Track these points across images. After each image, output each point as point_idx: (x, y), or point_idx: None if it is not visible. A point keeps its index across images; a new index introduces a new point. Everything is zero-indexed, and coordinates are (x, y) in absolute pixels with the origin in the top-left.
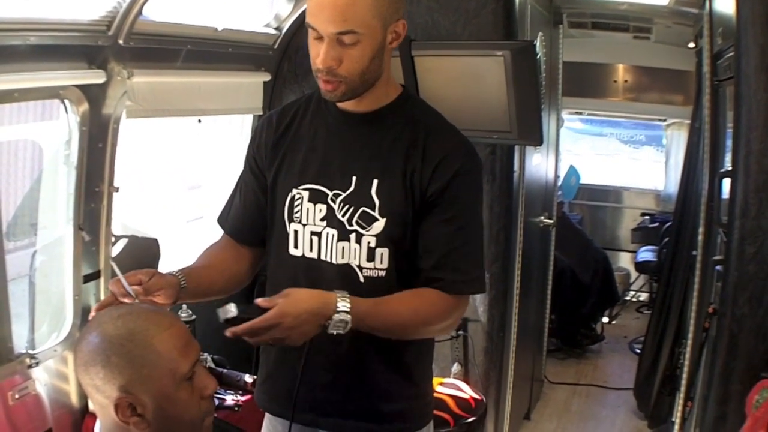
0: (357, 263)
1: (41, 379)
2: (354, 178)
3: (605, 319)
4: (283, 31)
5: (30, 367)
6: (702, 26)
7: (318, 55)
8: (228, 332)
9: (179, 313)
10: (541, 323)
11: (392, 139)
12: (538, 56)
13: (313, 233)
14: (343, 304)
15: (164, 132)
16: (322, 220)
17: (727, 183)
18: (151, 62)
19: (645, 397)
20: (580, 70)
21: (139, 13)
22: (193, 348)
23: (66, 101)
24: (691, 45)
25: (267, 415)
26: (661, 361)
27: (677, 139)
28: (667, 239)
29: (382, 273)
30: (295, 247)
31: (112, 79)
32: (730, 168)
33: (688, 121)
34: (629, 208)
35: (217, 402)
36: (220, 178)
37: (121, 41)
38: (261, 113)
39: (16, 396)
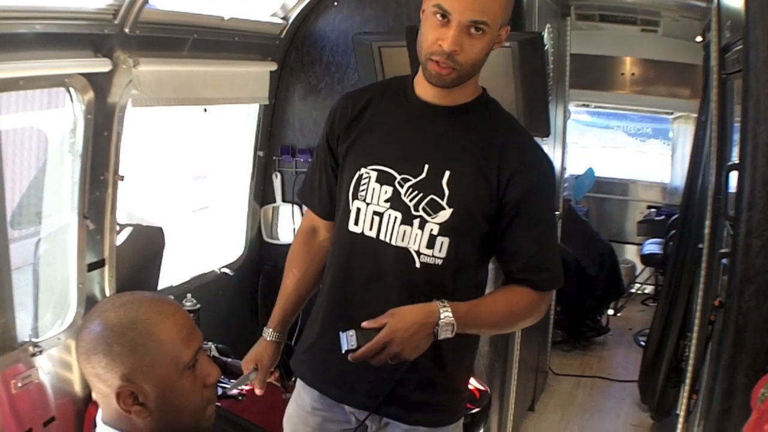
0: (416, 248)
1: (44, 368)
2: (426, 166)
3: (610, 312)
4: (290, 21)
5: (33, 355)
6: (710, 20)
7: (441, 38)
8: (350, 358)
9: (183, 301)
10: (547, 315)
11: (470, 135)
12: (546, 47)
13: (375, 213)
14: (445, 309)
15: (170, 122)
16: (386, 201)
17: (734, 176)
18: (157, 51)
19: (649, 389)
20: (587, 62)
21: (146, 1)
22: (196, 336)
23: (71, 89)
24: (699, 39)
25: (299, 383)
26: (665, 353)
27: (684, 132)
28: (673, 232)
29: (439, 261)
30: (356, 224)
31: (117, 67)
32: (737, 161)
33: (695, 115)
34: (635, 200)
35: (220, 391)
36: (225, 168)
37: (127, 30)
38: (267, 102)
39: (19, 384)
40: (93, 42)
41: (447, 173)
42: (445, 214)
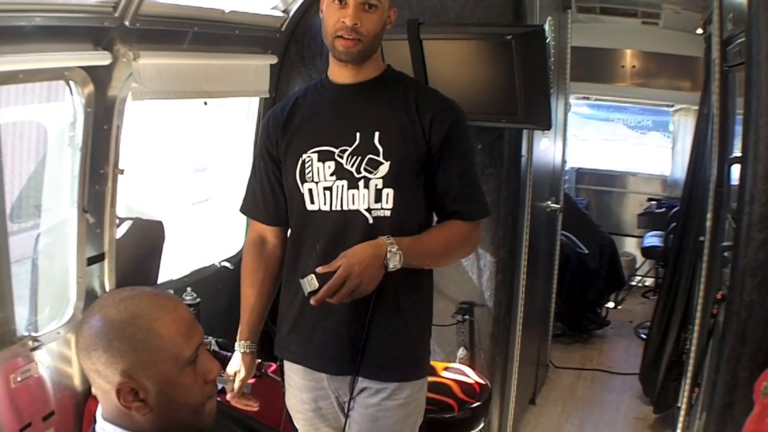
0: (366, 207)
1: (44, 362)
2: (358, 133)
3: (611, 304)
4: (291, 14)
5: (33, 349)
6: (711, 12)
7: (343, 17)
8: (313, 301)
9: (183, 295)
10: (547, 307)
11: (387, 99)
12: (547, 40)
13: (325, 188)
14: (391, 242)
15: (171, 115)
16: (331, 175)
17: (736, 169)
18: (157, 44)
19: (651, 382)
20: (588, 54)
21: None
22: (197, 332)
23: (71, 83)
24: (700, 31)
25: (287, 366)
26: (667, 346)
27: (684, 125)
28: (673, 224)
29: (387, 213)
30: (312, 203)
31: (117, 60)
32: (739, 154)
33: (696, 107)
34: (635, 193)
35: (220, 386)
36: (225, 161)
37: (127, 23)
38: (267, 96)
39: (19, 379)
40: (93, 35)
41: (377, 134)
42: (384, 168)
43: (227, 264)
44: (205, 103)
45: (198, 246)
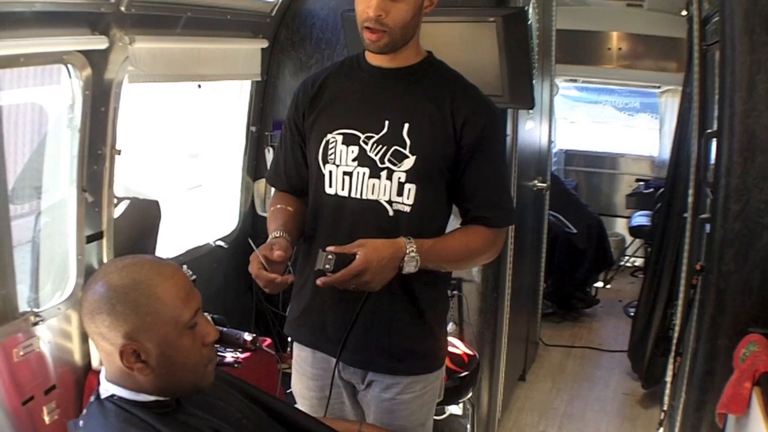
0: (387, 198)
1: (45, 337)
2: (387, 122)
3: (600, 284)
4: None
5: (34, 324)
6: None
7: (368, 6)
8: (321, 282)
9: None
10: (536, 286)
11: (422, 90)
12: (529, 22)
13: (345, 173)
14: (410, 245)
15: (166, 100)
16: (353, 160)
17: (714, 144)
18: (151, 29)
19: (639, 358)
20: (574, 37)
21: None
22: (195, 297)
23: (70, 66)
24: (684, 12)
25: (296, 345)
26: (654, 322)
27: (671, 106)
28: (660, 204)
29: (408, 208)
30: (330, 186)
31: (114, 45)
32: (716, 129)
33: (682, 88)
34: (625, 174)
35: (217, 359)
36: (218, 145)
37: (122, 8)
38: (259, 79)
39: (21, 353)
40: (90, 20)
41: (406, 125)
42: (409, 162)
43: (222, 243)
44: (199, 86)
45: (193, 230)
